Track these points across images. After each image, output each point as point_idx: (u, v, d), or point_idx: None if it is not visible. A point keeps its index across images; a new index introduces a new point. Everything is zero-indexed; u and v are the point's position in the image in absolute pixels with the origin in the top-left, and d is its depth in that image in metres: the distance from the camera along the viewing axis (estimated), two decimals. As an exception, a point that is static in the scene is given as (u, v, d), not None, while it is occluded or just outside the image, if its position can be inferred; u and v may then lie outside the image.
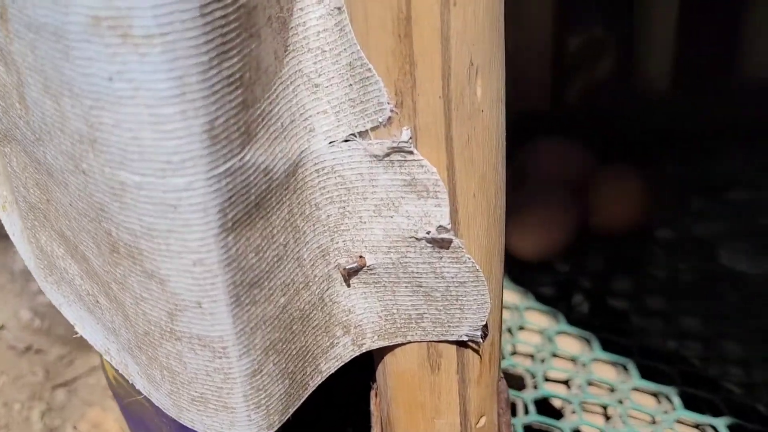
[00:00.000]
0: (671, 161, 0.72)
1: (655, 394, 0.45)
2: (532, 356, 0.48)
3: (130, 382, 0.26)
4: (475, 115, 0.23)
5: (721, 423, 0.41)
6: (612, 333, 0.50)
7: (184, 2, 0.17)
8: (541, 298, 0.53)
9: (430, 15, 0.21)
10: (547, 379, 0.47)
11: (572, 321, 0.50)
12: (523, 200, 0.56)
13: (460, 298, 0.25)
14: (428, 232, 0.24)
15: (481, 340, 0.26)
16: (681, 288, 0.54)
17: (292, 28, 0.22)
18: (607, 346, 0.48)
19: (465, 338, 0.26)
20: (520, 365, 0.46)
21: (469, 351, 0.27)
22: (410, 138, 0.23)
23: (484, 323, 0.26)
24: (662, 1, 0.73)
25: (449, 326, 0.26)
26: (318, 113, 0.23)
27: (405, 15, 0.21)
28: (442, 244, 0.24)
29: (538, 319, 0.51)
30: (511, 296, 0.53)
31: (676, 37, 0.74)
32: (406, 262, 0.25)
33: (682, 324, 0.51)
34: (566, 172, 0.62)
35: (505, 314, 0.51)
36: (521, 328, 0.50)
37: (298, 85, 0.23)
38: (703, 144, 0.74)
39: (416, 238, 0.24)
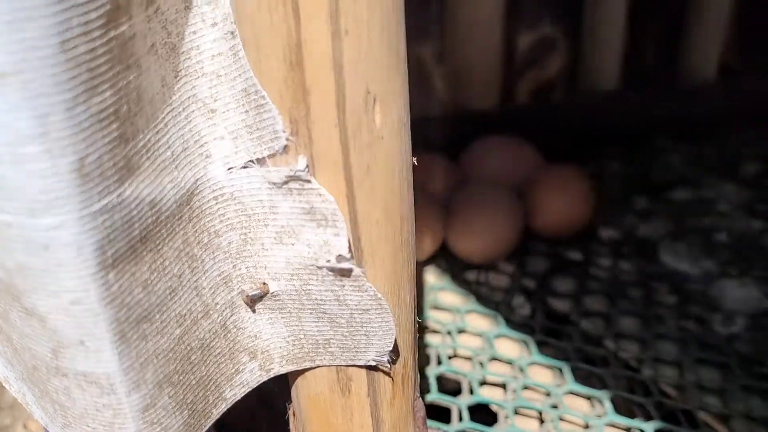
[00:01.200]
0: (617, 160, 0.72)
1: (588, 398, 0.45)
2: (471, 360, 0.48)
3: (29, 411, 0.25)
4: (374, 143, 0.22)
5: (651, 428, 0.41)
6: (551, 336, 0.50)
7: (42, 39, 0.16)
8: (483, 300, 0.52)
9: (321, 43, 0.20)
10: (485, 383, 0.46)
11: (513, 323, 0.50)
12: (467, 200, 0.56)
13: (365, 324, 0.24)
14: (328, 261, 0.23)
15: (389, 365, 0.26)
16: (622, 288, 0.54)
17: (183, 52, 0.21)
18: (545, 350, 0.48)
19: (373, 363, 0.26)
20: (458, 370, 0.46)
21: (380, 374, 0.27)
22: (307, 167, 0.22)
23: (391, 349, 0.25)
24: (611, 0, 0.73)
25: (356, 351, 0.25)
26: (215, 139, 0.22)
27: (296, 42, 0.20)
28: (343, 273, 0.23)
29: (479, 322, 0.51)
30: (454, 298, 0.53)
31: (624, 36, 0.74)
32: (309, 290, 0.24)
33: (620, 325, 0.51)
34: (512, 171, 0.62)
35: (447, 317, 0.51)
36: (462, 331, 0.50)
37: (192, 111, 0.22)
38: (648, 143, 0.74)
39: (317, 267, 0.23)
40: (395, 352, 0.26)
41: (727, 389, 0.45)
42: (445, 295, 0.53)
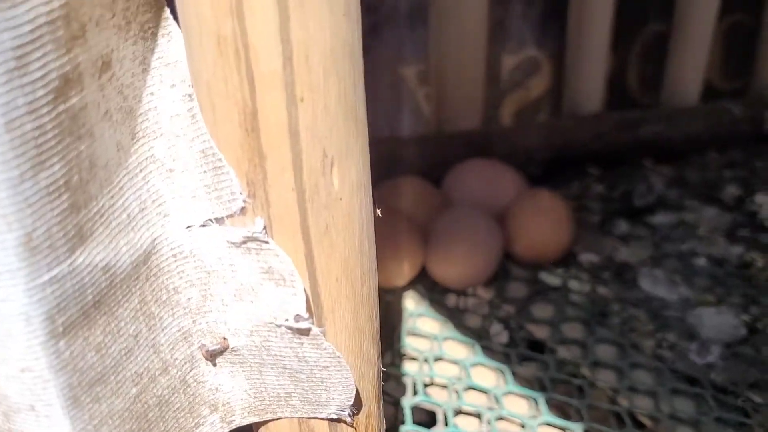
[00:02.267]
0: (599, 182, 0.72)
1: (563, 430, 0.45)
2: (447, 388, 0.47)
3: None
4: (333, 204, 0.22)
5: (622, 462, 0.41)
6: (528, 364, 0.49)
7: (-15, 120, 0.16)
8: (461, 327, 0.52)
9: (277, 111, 0.20)
10: (461, 413, 0.46)
11: (490, 351, 0.50)
12: (447, 225, 0.56)
13: (325, 380, 0.24)
14: (286, 320, 0.23)
15: (350, 419, 0.26)
16: (600, 315, 0.54)
17: (141, 114, 0.21)
18: (521, 379, 0.48)
19: (334, 416, 0.25)
20: (433, 400, 0.46)
21: (343, 425, 0.27)
22: (264, 228, 0.22)
23: (352, 403, 0.25)
24: (596, 21, 0.73)
25: (317, 405, 0.25)
26: (173, 198, 0.22)
27: (251, 110, 0.20)
28: (302, 332, 0.23)
29: (457, 349, 0.50)
30: (432, 325, 0.52)
31: (608, 59, 0.74)
32: (269, 346, 0.24)
33: (598, 353, 0.51)
34: (493, 195, 0.62)
35: (424, 344, 0.51)
36: (438, 359, 0.50)
37: (150, 172, 0.22)
38: (631, 165, 0.74)
39: (276, 325, 0.23)
40: (357, 404, 0.26)
41: (702, 421, 0.45)
42: (423, 321, 0.53)
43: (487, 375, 0.48)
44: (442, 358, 0.50)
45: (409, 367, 0.49)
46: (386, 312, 0.53)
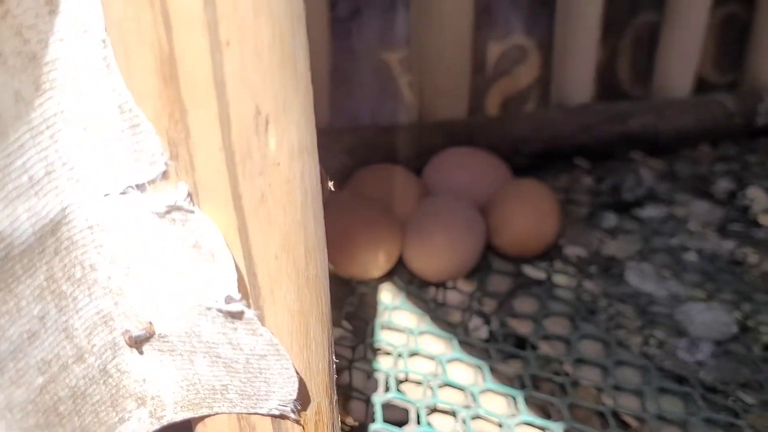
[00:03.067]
0: (588, 174, 0.69)
1: (542, 429, 0.42)
2: (421, 385, 0.45)
3: None
4: (269, 170, 0.19)
5: (605, 465, 0.39)
6: (507, 360, 0.47)
7: None
8: (439, 321, 0.49)
9: (198, 56, 0.17)
10: (436, 411, 0.43)
11: (468, 347, 0.47)
12: (426, 215, 0.53)
13: (263, 371, 0.21)
14: (216, 302, 0.20)
15: (294, 415, 0.23)
16: (585, 310, 0.51)
17: (47, 63, 0.18)
18: (500, 376, 0.45)
19: (276, 412, 0.22)
20: (406, 397, 0.43)
21: (288, 422, 0.24)
22: (189, 195, 0.19)
23: (295, 397, 0.22)
24: (586, 9, 0.70)
25: (257, 399, 0.22)
26: (87, 161, 0.19)
27: (168, 54, 0.17)
28: (234, 315, 0.20)
29: (433, 344, 0.48)
30: (408, 318, 0.50)
31: (598, 48, 0.71)
32: (200, 332, 0.21)
33: (582, 350, 0.48)
34: (477, 185, 0.59)
35: (400, 338, 0.48)
36: (414, 354, 0.47)
37: (60, 130, 0.19)
38: (620, 157, 0.72)
39: (206, 307, 0.20)
40: (303, 398, 0.23)
41: (689, 421, 0.42)
42: (399, 314, 0.50)
43: (465, 371, 0.45)
44: (418, 353, 0.47)
45: (382, 363, 0.46)
46: (360, 305, 0.50)
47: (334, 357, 0.25)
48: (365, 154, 0.60)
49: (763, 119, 0.76)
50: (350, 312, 0.49)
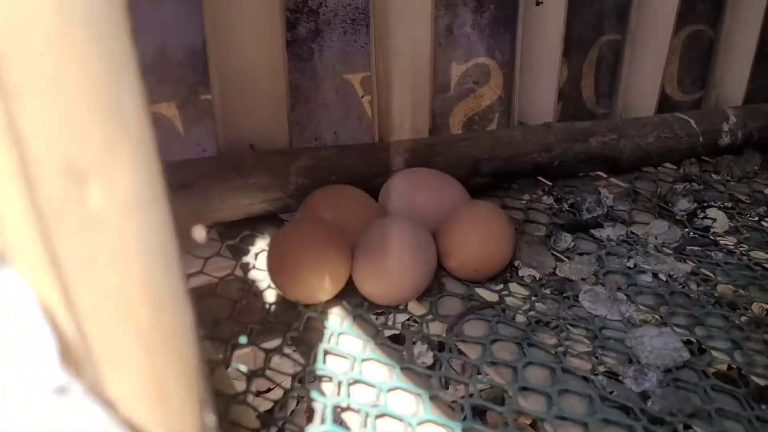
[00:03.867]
0: (549, 194, 0.66)
1: (480, 464, 0.39)
2: (359, 413, 0.41)
3: None
4: (94, 227, 0.16)
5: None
6: (451, 388, 0.44)
7: None
8: (384, 347, 0.46)
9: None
10: (374, 441, 0.40)
11: (411, 374, 0.44)
12: (375, 236, 0.50)
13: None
14: (35, 377, 0.17)
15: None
16: (535, 335, 0.48)
17: None
18: (440, 406, 0.42)
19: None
20: (341, 429, 0.40)
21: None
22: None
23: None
24: (548, 28, 0.67)
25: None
26: None
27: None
28: (59, 391, 0.17)
29: (376, 371, 0.44)
30: (353, 344, 0.46)
31: (561, 68, 0.68)
32: (23, 416, 0.18)
33: (528, 376, 0.45)
34: (434, 206, 0.56)
35: (344, 365, 0.45)
36: (355, 382, 0.44)
37: None
38: (582, 177, 0.69)
39: (25, 385, 0.17)
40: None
41: (632, 455, 0.39)
42: (344, 339, 0.47)
43: (405, 400, 0.42)
44: (360, 380, 0.43)
45: (323, 390, 0.43)
46: (306, 329, 0.47)
47: (212, 417, 0.22)
48: (323, 174, 0.57)
49: (727, 139, 0.73)
50: (294, 337, 0.46)
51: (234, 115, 0.58)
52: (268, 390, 0.48)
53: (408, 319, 0.50)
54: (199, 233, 0.21)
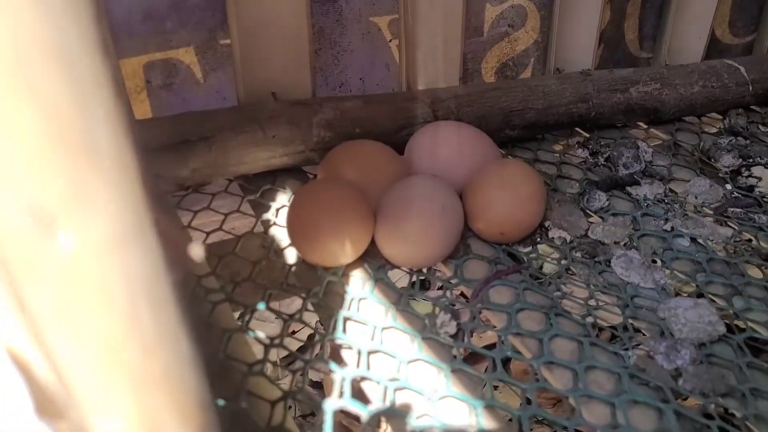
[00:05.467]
0: (584, 147, 0.63)
1: (500, 444, 0.37)
2: (379, 385, 0.40)
3: None
4: (68, 273, 0.14)
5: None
6: (473, 361, 0.42)
7: None
8: (406, 314, 0.45)
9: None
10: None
11: (434, 345, 0.43)
12: (399, 196, 0.47)
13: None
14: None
15: None
16: (565, 303, 0.46)
17: None
18: (462, 380, 0.40)
19: None
20: (357, 404, 0.39)
21: None
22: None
23: None
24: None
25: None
26: None
27: None
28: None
29: (397, 342, 0.43)
30: (375, 311, 0.45)
31: (603, 8, 0.63)
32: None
33: (554, 349, 0.43)
34: (460, 162, 0.53)
35: (363, 334, 0.43)
36: (375, 352, 0.42)
37: None
38: (621, 129, 0.65)
39: None
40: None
41: (659, 440, 0.38)
42: (365, 306, 0.45)
43: (426, 374, 0.41)
44: (380, 351, 0.42)
45: (343, 359, 0.42)
46: (326, 294, 0.46)
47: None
48: (346, 127, 0.55)
49: (778, 87, 0.68)
50: (315, 303, 0.45)
51: (254, 61, 0.55)
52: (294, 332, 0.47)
53: (432, 284, 0.48)
54: (197, 252, 0.19)
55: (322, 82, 0.60)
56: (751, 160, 0.61)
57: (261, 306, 0.42)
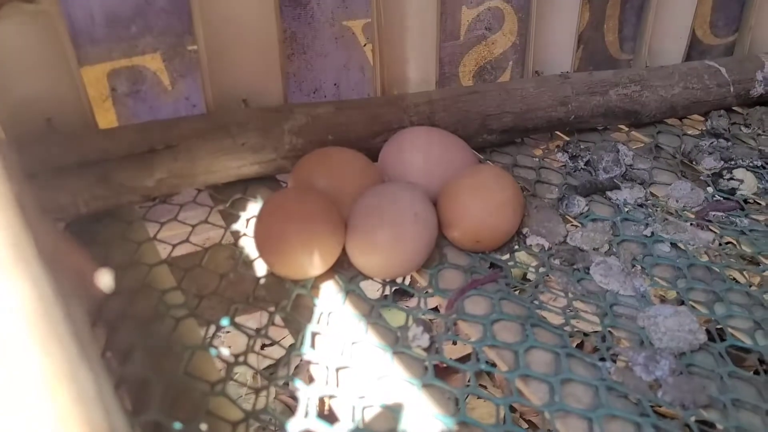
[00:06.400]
0: (564, 151, 0.61)
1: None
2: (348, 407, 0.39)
3: None
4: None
5: None
6: (447, 375, 0.40)
7: None
8: (377, 327, 0.43)
9: None
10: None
11: (405, 359, 0.41)
12: (370, 205, 0.46)
13: None
14: None
15: None
16: (542, 312, 0.45)
17: None
18: (435, 395, 0.39)
19: None
20: (325, 424, 0.37)
21: None
22: None
23: None
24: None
25: None
26: None
27: None
28: None
29: (367, 356, 0.41)
30: (344, 325, 0.43)
31: (582, 10, 0.62)
32: None
33: (531, 361, 0.41)
34: (435, 169, 0.51)
35: (332, 349, 0.42)
36: (342, 368, 0.40)
37: None
38: (601, 132, 0.63)
39: None
40: None
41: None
42: (335, 320, 0.43)
43: (398, 390, 0.39)
44: (348, 367, 0.40)
45: (307, 380, 0.40)
46: (295, 308, 0.44)
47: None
48: (319, 133, 0.53)
49: (760, 88, 0.66)
50: (283, 318, 0.43)
51: (223, 67, 0.54)
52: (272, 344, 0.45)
53: (405, 294, 0.46)
54: (105, 281, 0.17)
55: (296, 88, 0.59)
56: (732, 162, 0.59)
57: (225, 322, 0.41)
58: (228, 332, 0.41)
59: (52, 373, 0.14)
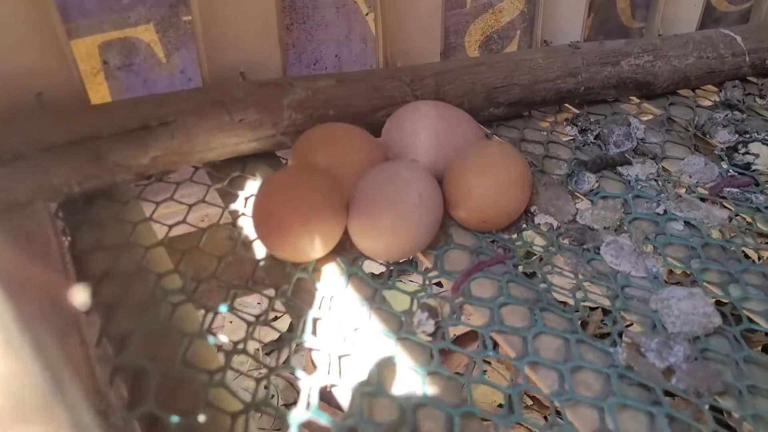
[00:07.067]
0: (573, 124, 0.59)
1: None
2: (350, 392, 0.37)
3: None
4: None
5: None
6: (452, 361, 0.39)
7: None
8: (380, 312, 0.41)
9: None
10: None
11: (409, 346, 0.39)
12: (373, 184, 0.44)
13: None
14: None
15: None
16: (549, 296, 0.43)
17: None
18: (438, 384, 0.37)
19: None
20: (322, 414, 0.36)
21: None
22: None
23: None
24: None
25: None
26: None
27: None
28: None
29: (370, 342, 0.40)
30: (347, 309, 0.41)
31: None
32: None
33: (539, 348, 0.39)
34: (441, 145, 0.49)
35: (334, 335, 0.40)
36: (345, 356, 0.39)
37: None
38: (612, 104, 0.61)
39: None
40: None
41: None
42: (337, 304, 0.42)
43: (402, 378, 0.38)
44: (351, 354, 0.39)
45: (308, 369, 0.38)
46: (295, 292, 0.42)
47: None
48: (319, 108, 0.51)
49: (776, 57, 0.63)
50: (284, 302, 0.41)
51: (219, 38, 0.51)
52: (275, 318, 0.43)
53: (409, 277, 0.44)
54: (81, 299, 0.16)
55: (295, 60, 0.56)
56: (747, 136, 0.57)
57: (223, 308, 0.39)
58: (231, 322, 0.39)
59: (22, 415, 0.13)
